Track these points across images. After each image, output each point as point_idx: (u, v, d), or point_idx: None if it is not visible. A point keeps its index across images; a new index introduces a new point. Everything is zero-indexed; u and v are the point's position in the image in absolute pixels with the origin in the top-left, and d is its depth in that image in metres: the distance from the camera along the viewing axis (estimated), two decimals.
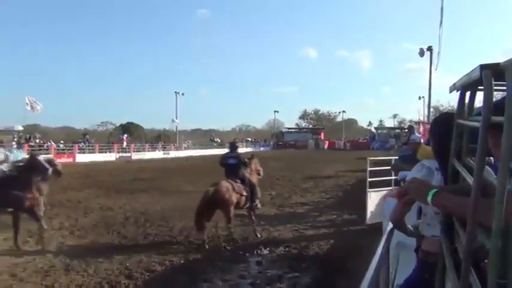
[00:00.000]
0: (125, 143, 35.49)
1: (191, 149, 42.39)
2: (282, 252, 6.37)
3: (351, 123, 73.22)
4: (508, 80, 0.78)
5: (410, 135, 8.12)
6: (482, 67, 0.91)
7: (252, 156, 8.22)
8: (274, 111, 64.63)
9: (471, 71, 1.01)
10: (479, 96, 1.04)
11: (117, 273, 5.33)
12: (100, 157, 29.83)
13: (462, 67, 63.26)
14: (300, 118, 75.95)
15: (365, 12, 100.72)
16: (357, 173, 17.61)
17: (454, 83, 1.27)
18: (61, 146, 31.14)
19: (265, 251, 6.37)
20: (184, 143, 44.22)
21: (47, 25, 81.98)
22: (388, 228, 2.48)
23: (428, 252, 1.85)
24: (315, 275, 5.30)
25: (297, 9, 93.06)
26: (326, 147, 54.67)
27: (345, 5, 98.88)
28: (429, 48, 22.14)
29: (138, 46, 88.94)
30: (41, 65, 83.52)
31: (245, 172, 7.45)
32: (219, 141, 50.07)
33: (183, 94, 45.27)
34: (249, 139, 55.69)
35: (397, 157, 7.79)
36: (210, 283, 5.06)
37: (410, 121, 48.74)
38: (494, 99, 0.91)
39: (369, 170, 8.43)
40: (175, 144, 42.06)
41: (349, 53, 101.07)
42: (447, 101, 48.20)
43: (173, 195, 11.91)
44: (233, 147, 7.79)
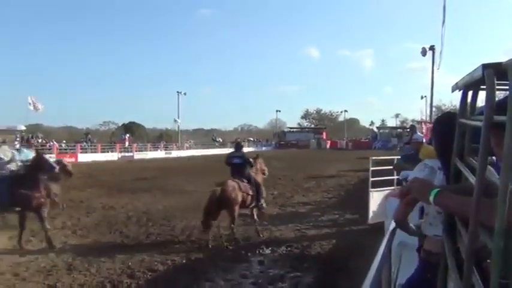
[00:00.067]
0: (127, 143, 35.55)
1: (193, 148, 42.41)
2: (284, 251, 6.37)
3: (353, 122, 73.08)
4: (511, 79, 0.78)
5: (412, 134, 8.07)
6: (485, 66, 0.90)
7: (257, 156, 8.30)
8: (276, 111, 64.94)
9: (473, 71, 1.00)
10: (482, 95, 1.03)
11: (119, 273, 5.35)
12: (102, 157, 29.87)
13: (464, 66, 63.40)
14: (302, 118, 76.00)
15: (367, 12, 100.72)
16: (359, 172, 17.60)
17: (457, 83, 1.27)
18: (63, 145, 31.21)
19: (267, 251, 6.37)
20: (186, 143, 44.21)
21: (47, 25, 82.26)
22: (390, 228, 2.47)
23: (431, 251, 1.85)
24: (317, 275, 5.30)
25: (299, 8, 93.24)
26: (328, 146, 54.62)
27: (347, 4, 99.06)
28: (431, 48, 22.04)
29: (140, 46, 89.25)
30: (43, 65, 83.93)
31: (251, 171, 7.49)
32: (221, 140, 50.12)
33: (185, 94, 45.39)
34: (251, 139, 55.53)
35: (399, 157, 7.80)
36: (212, 282, 5.07)
37: (413, 120, 48.60)
38: (497, 98, 0.91)
39: (371, 169, 8.45)
40: (177, 143, 42.05)
41: (351, 52, 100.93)
42: (449, 100, 48.14)
43: (175, 195, 11.93)
44: (238, 147, 7.90)
